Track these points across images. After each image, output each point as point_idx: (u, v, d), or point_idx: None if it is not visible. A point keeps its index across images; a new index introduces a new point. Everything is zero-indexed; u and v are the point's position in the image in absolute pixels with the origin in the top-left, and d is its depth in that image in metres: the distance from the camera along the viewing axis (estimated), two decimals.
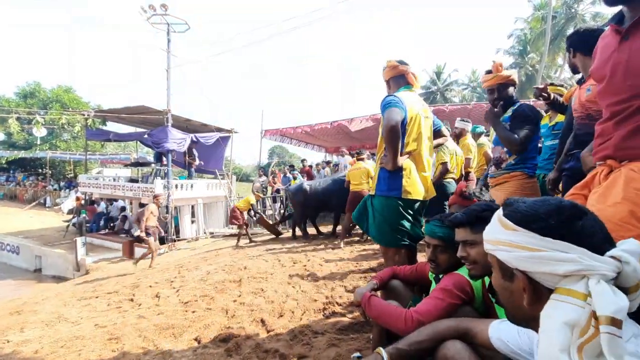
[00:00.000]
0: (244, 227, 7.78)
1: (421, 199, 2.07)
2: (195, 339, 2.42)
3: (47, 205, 18.69)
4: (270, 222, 8.86)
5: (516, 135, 2.12)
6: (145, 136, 9.88)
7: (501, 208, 0.72)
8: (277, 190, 10.51)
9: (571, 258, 0.59)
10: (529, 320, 0.68)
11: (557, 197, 0.68)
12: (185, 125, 11.33)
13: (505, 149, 2.25)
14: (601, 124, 1.20)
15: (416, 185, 2.04)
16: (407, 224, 2.04)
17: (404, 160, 2.02)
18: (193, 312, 3.08)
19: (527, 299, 0.65)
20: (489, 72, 2.28)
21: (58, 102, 25.00)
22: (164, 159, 10.34)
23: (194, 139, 10.29)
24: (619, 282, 0.58)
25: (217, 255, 6.64)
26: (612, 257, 0.58)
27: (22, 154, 23.33)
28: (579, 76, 2.04)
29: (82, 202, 12.39)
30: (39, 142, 20.49)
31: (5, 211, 17.34)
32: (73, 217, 12.83)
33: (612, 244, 0.61)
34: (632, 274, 0.57)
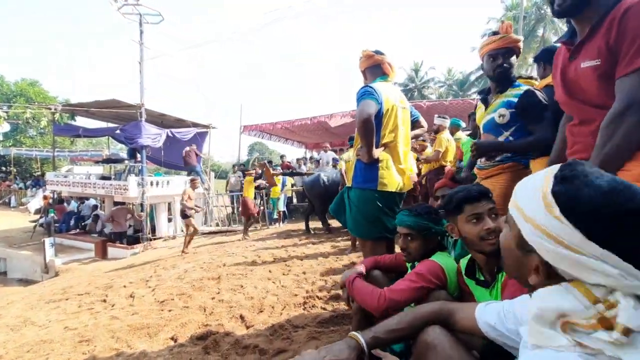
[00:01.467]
0: (256, 216, 7.56)
1: (397, 190, 2.06)
2: (172, 338, 2.35)
3: (12, 205, 17.68)
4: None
5: (544, 134, 1.74)
6: (118, 131, 9.48)
7: (553, 178, 0.56)
8: (258, 187, 10.38)
9: (610, 272, 0.49)
10: (527, 286, 0.65)
11: (635, 187, 0.52)
12: (160, 121, 10.96)
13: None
14: (572, 128, 1.29)
15: (393, 177, 2.02)
16: (383, 216, 2.04)
17: (380, 153, 2.00)
18: (169, 310, 2.99)
19: (536, 280, 0.60)
20: (495, 33, 1.89)
21: (22, 96, 23.62)
22: (138, 155, 9.98)
23: (170, 134, 9.98)
24: None
25: (196, 253, 6.49)
26: None
27: None
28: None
29: (50, 201, 11.79)
30: (1, 138, 19.32)
31: None
32: (41, 217, 12.20)
33: None
34: None
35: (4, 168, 22.91)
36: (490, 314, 0.85)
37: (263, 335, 2.21)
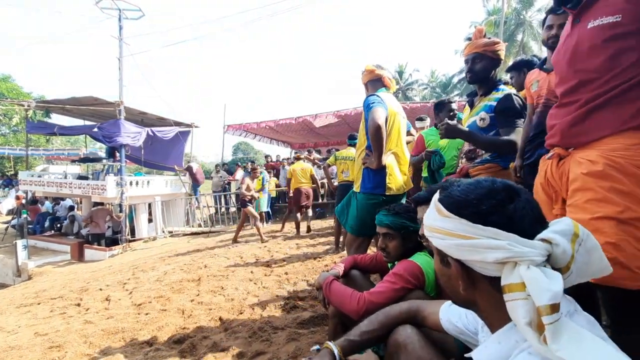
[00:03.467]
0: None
1: (402, 193, 2.22)
2: (147, 342, 2.28)
3: None
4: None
5: (512, 138, 1.79)
6: (95, 129, 9.18)
7: (437, 192, 0.69)
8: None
9: (500, 245, 0.56)
10: (468, 304, 0.67)
11: (490, 179, 0.65)
12: (141, 119, 10.70)
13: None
14: (552, 111, 1.24)
15: (398, 182, 2.18)
16: None
17: (386, 159, 2.12)
18: (146, 314, 2.91)
19: (462, 285, 0.64)
20: (469, 39, 1.96)
21: None
22: (117, 154, 9.70)
23: (150, 132, 9.74)
24: (550, 264, 0.56)
25: (176, 255, 6.35)
26: (542, 239, 0.56)
27: None
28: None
29: (24, 201, 11.31)
30: None
31: None
32: (13, 218, 11.71)
33: (543, 226, 0.59)
34: (562, 256, 0.55)
35: None
36: (453, 313, 0.87)
37: (242, 337, 2.17)
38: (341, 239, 4.78)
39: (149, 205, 10.07)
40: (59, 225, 11.05)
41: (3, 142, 23.18)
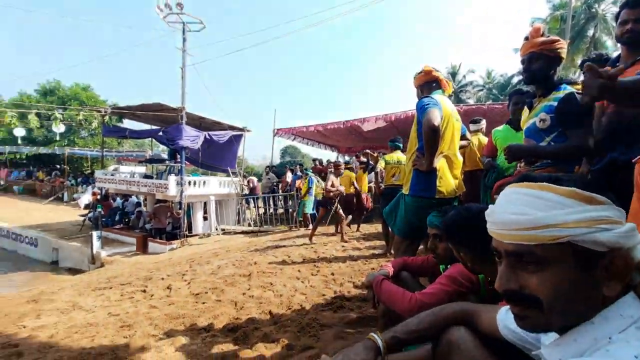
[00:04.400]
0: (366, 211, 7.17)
1: (453, 197, 2.17)
2: (205, 329, 2.45)
3: (64, 200, 19.18)
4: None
5: (581, 144, 1.65)
6: (160, 133, 10.04)
7: (568, 181, 0.60)
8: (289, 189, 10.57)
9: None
10: (579, 319, 0.59)
11: None
12: (199, 123, 11.47)
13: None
14: None
15: (449, 185, 2.14)
16: None
17: (437, 161, 2.10)
18: (203, 303, 3.13)
19: (615, 283, 0.57)
20: (526, 38, 1.87)
21: (76, 99, 25.69)
22: (178, 156, 10.50)
23: (207, 136, 10.41)
24: None
25: (228, 251, 6.71)
26: None
27: (41, 149, 24.05)
28: None
29: (98, 197, 12.68)
30: (57, 139, 21.08)
31: (25, 205, 17.90)
32: (89, 212, 13.13)
33: None
34: None
35: (58, 166, 24.92)
36: (512, 318, 0.84)
37: (291, 331, 2.25)
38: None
39: (205, 204, 10.73)
40: (127, 219, 12.22)
41: (83, 144, 26.21)
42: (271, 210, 10.75)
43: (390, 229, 4.89)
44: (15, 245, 11.90)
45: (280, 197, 11.17)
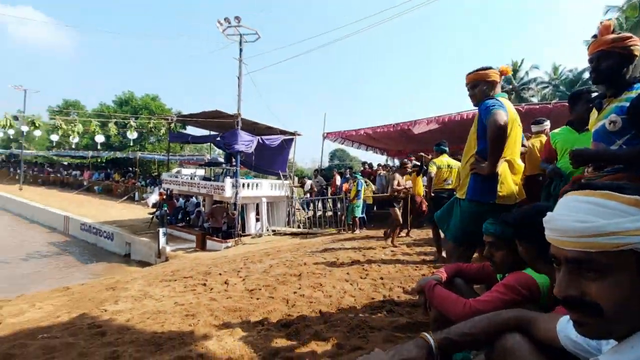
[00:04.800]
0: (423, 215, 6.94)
1: (513, 203, 2.09)
2: (260, 322, 2.60)
3: (135, 199, 21.27)
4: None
5: None
6: (218, 138, 10.75)
7: (631, 189, 0.60)
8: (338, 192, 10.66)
9: None
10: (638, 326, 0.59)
11: None
12: (253, 128, 12.07)
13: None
14: None
15: (510, 191, 2.07)
16: None
17: (500, 165, 2.04)
18: (257, 299, 3.31)
19: None
20: (595, 36, 1.77)
21: (146, 109, 28.41)
22: (234, 159, 11.15)
23: (260, 141, 10.91)
24: None
25: (279, 251, 6.97)
26: None
27: (117, 154, 26.93)
28: None
29: (164, 197, 13.88)
30: (131, 144, 23.48)
31: (103, 203, 20.17)
32: (156, 210, 14.41)
33: None
34: None
35: (131, 169, 27.70)
36: (573, 328, 0.81)
37: (340, 331, 2.31)
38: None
39: (257, 205, 11.24)
40: (188, 218, 13.20)
41: (151, 149, 28.84)
42: (320, 212, 10.92)
43: (442, 235, 4.80)
44: (96, 239, 13.44)
45: (329, 199, 11.31)
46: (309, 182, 12.12)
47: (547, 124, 3.86)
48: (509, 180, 2.07)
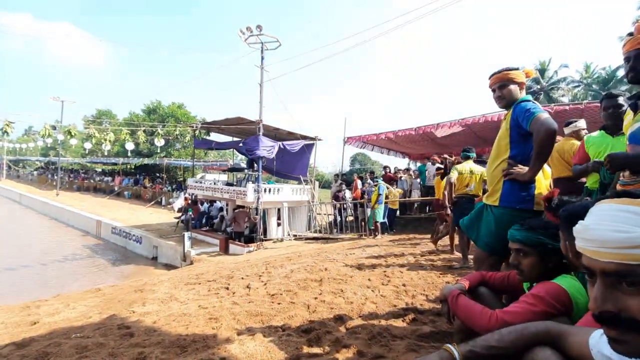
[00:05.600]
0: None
1: (543, 209, 2.03)
2: (281, 327, 2.61)
3: (162, 204, 22.01)
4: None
5: None
6: (241, 144, 10.98)
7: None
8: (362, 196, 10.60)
9: None
10: None
11: None
12: (274, 134, 12.24)
13: None
14: None
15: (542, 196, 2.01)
16: None
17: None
18: (278, 303, 3.33)
19: None
20: (630, 34, 1.72)
21: (173, 116, 29.44)
22: (255, 165, 11.34)
23: (282, 146, 11.05)
24: None
25: (300, 256, 6.99)
26: None
27: (145, 160, 28.02)
28: None
29: (189, 202, 14.29)
30: (158, 151, 24.36)
31: (132, 208, 20.99)
32: (182, 215, 14.87)
33: None
34: None
35: (158, 174, 28.73)
36: (606, 343, 0.76)
37: (362, 338, 2.28)
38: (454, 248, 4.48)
39: (278, 210, 11.35)
40: (212, 222, 13.51)
41: (177, 155, 29.81)
42: (341, 217, 10.89)
43: (463, 241, 4.70)
44: (125, 242, 13.99)
45: (349, 204, 11.27)
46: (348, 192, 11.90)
47: (581, 123, 3.65)
48: (542, 185, 2.02)
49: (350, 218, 11.17)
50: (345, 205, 11.00)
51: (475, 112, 12.91)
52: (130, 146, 18.59)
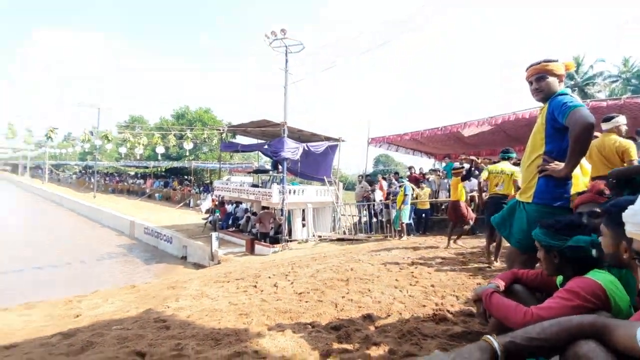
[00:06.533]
0: (470, 222, 6.75)
1: None
2: (310, 324, 2.65)
3: (190, 206, 22.73)
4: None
5: None
6: (266, 146, 11.18)
7: None
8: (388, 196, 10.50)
9: None
10: None
11: None
12: (298, 136, 12.37)
13: None
14: None
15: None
16: None
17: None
18: (306, 302, 3.37)
19: None
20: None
21: (200, 121, 30.37)
22: (280, 166, 11.50)
23: (306, 147, 11.15)
24: None
25: (325, 257, 7.02)
26: None
27: (175, 163, 29.07)
28: None
29: (216, 203, 14.68)
30: (187, 154, 25.21)
31: (162, 209, 21.81)
32: (209, 216, 15.29)
33: None
34: None
35: (186, 177, 29.70)
36: None
37: (391, 337, 2.27)
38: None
39: (303, 211, 11.44)
40: (238, 223, 13.80)
41: (204, 158, 30.71)
42: (365, 218, 10.83)
43: (494, 239, 4.58)
44: (157, 242, 14.55)
45: (374, 205, 11.19)
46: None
47: (622, 119, 3.46)
48: (579, 182, 1.94)
49: (373, 220, 11.09)
50: (374, 207, 10.94)
51: (505, 110, 12.49)
52: (160, 150, 19.37)
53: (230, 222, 14.18)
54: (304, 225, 11.54)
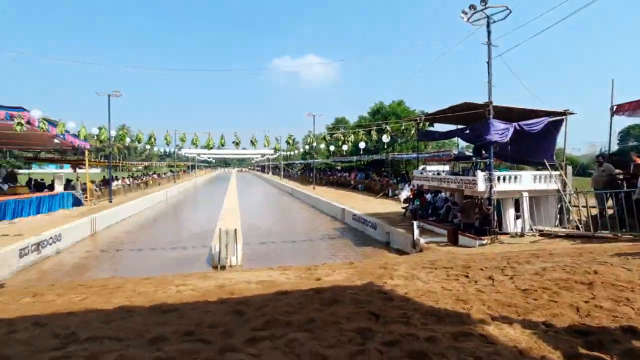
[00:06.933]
0: None
1: None
2: (543, 323, 2.38)
3: (389, 195, 24.10)
4: None
5: None
6: (467, 131, 10.40)
7: None
8: None
9: None
10: None
11: None
12: (506, 115, 10.84)
13: None
14: None
15: None
16: None
17: None
18: (534, 299, 3.01)
19: None
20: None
21: (394, 114, 31.50)
22: (484, 151, 10.44)
23: (517, 127, 9.63)
24: None
25: (551, 254, 5.92)
26: None
27: (373, 157, 31.48)
28: None
29: (414, 192, 14.93)
30: (384, 147, 26.79)
31: (365, 199, 24.15)
32: (408, 205, 15.74)
33: None
34: None
35: (383, 168, 31.59)
36: None
37: None
38: None
39: (516, 200, 9.99)
40: (438, 212, 13.57)
41: (399, 149, 31.73)
42: (611, 211, 8.32)
43: None
44: (363, 227, 16.29)
45: (622, 194, 8.40)
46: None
47: None
48: None
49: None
50: (624, 196, 8.30)
51: None
52: (362, 145, 21.46)
53: (429, 211, 14.11)
54: (518, 217, 10.05)
